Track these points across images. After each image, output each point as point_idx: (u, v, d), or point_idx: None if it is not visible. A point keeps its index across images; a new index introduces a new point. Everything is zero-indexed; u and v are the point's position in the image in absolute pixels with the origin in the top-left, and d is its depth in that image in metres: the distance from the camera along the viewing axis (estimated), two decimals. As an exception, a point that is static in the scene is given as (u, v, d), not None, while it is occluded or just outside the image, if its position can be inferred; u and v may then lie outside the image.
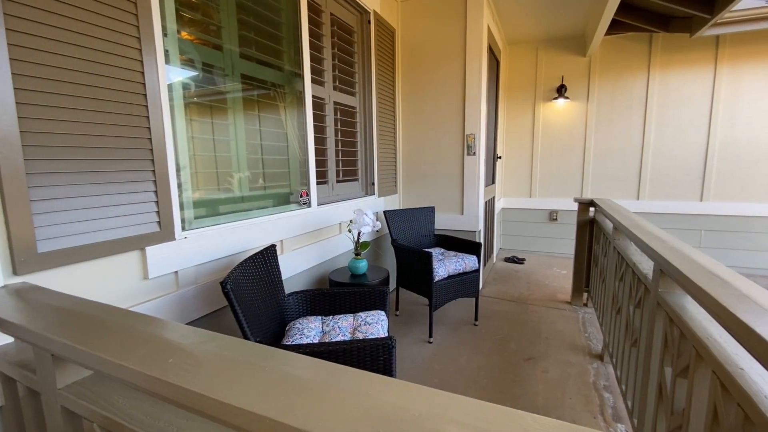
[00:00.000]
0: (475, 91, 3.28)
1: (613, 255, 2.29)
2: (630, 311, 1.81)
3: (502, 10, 3.75)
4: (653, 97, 4.37)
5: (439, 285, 2.65)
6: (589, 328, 2.92)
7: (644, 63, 4.35)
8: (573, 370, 2.36)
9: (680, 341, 1.17)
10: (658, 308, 1.39)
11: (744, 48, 3.96)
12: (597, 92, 4.60)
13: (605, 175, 4.71)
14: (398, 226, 3.11)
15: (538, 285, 3.94)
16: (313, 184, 2.39)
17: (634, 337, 1.71)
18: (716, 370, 0.92)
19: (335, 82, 2.71)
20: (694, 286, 1.03)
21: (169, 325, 0.83)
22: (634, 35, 4.26)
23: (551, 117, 4.86)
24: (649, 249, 1.46)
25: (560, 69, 4.70)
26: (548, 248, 5.09)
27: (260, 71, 2.06)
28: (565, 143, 4.84)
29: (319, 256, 2.46)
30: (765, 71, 3.94)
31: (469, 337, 2.79)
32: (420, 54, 3.48)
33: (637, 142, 4.52)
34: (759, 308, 0.82)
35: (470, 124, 3.33)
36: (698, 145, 4.28)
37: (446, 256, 2.89)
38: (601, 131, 4.65)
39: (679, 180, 4.41)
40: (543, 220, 5.09)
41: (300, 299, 1.81)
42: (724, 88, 4.10)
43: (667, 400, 1.24)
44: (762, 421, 0.73)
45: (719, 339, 1.00)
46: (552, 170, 4.95)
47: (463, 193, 3.47)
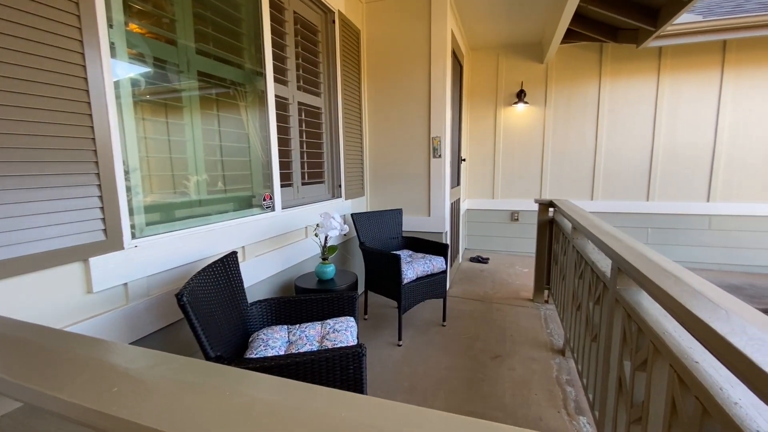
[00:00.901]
0: (440, 95, 3.32)
1: (572, 253, 2.38)
2: (590, 307, 1.89)
3: (465, 16, 3.83)
4: (604, 103, 4.64)
5: (408, 287, 2.64)
6: (551, 324, 3.03)
7: (596, 71, 4.61)
8: (537, 366, 2.44)
9: (638, 336, 1.22)
10: (616, 305, 1.45)
11: (683, 59, 4.30)
12: (554, 98, 4.81)
13: (562, 176, 4.94)
14: (366, 229, 3.07)
15: (502, 284, 4.05)
16: (277, 187, 2.30)
17: (594, 333, 1.78)
18: (673, 364, 0.96)
19: (299, 81, 2.64)
20: (651, 284, 1.08)
21: (114, 347, 0.74)
22: (587, 44, 4.51)
23: (512, 121, 5.03)
24: (607, 248, 1.53)
25: (520, 75, 4.88)
26: (511, 247, 5.26)
27: (219, 68, 1.96)
28: (525, 146, 5.02)
29: (283, 261, 2.37)
30: (701, 81, 4.31)
31: (438, 338, 2.80)
32: (385, 56, 3.47)
33: (590, 145, 4.78)
34: (712, 304, 0.86)
35: (436, 127, 3.37)
36: (644, 148, 4.60)
37: (414, 258, 2.90)
38: (558, 135, 4.88)
39: (628, 181, 4.71)
40: (505, 220, 5.25)
41: (264, 308, 1.73)
42: (666, 96, 4.43)
43: (626, 393, 1.30)
44: (718, 413, 0.76)
45: (674, 333, 1.05)
46: (513, 172, 5.12)
47: (429, 195, 3.49)
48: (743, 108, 4.23)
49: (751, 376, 0.63)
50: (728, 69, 4.19)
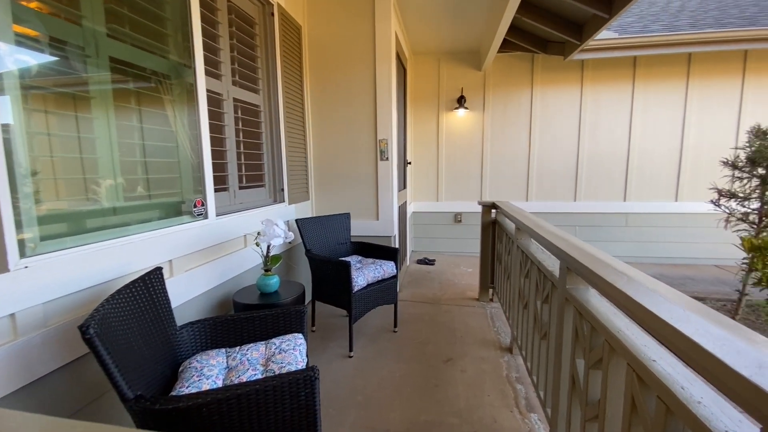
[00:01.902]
0: (386, 97, 3.27)
1: (517, 253, 2.45)
2: (537, 306, 1.94)
3: (407, 19, 3.84)
4: (536, 110, 4.95)
5: (359, 295, 2.53)
6: (497, 323, 3.11)
7: (528, 80, 4.91)
8: (487, 366, 2.46)
9: (591, 335, 1.24)
10: (566, 303, 1.48)
11: (602, 72, 4.74)
12: (491, 104, 5.03)
13: (500, 179, 5.18)
14: (312, 235, 2.91)
15: (449, 284, 4.10)
16: (210, 192, 2.06)
17: (544, 331, 1.82)
18: (631, 363, 0.97)
19: (235, 76, 2.41)
20: (605, 284, 1.09)
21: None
22: (520, 54, 4.79)
23: (453, 125, 5.16)
24: (555, 248, 1.56)
25: (460, 81, 5.03)
26: (455, 248, 5.39)
27: (136, 56, 1.69)
28: (466, 150, 5.19)
29: (219, 275, 2.13)
30: (616, 92, 4.78)
31: (390, 345, 2.73)
32: (329, 54, 3.34)
33: (524, 150, 5.07)
34: (667, 302, 0.88)
35: (382, 129, 3.31)
36: (571, 153, 4.99)
37: (364, 264, 2.80)
38: (495, 140, 5.10)
39: (558, 183, 5.07)
40: (449, 222, 5.37)
41: (197, 331, 1.51)
42: (588, 105, 4.85)
43: (580, 391, 1.32)
44: (682, 411, 0.76)
45: (627, 332, 1.08)
46: (456, 175, 5.26)
47: (377, 199, 3.42)
48: (650, 117, 4.77)
49: (723, 376, 0.62)
50: (638, 82, 4.70)
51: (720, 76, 4.55)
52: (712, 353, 0.64)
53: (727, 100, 4.59)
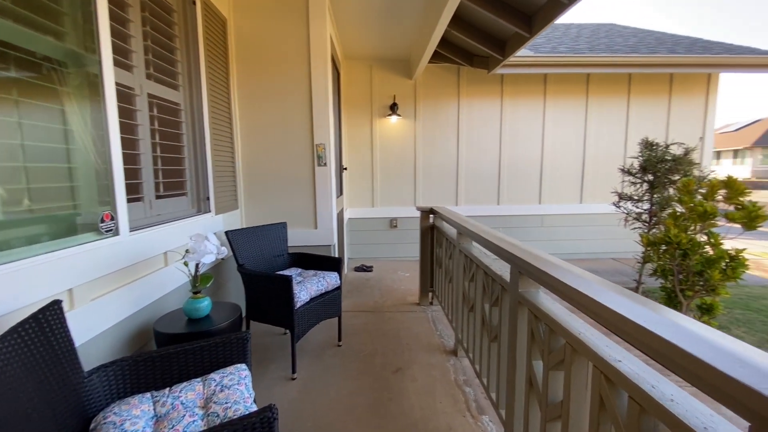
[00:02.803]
0: (323, 100, 3.14)
1: (460, 258, 2.51)
2: (486, 309, 1.98)
3: (340, 22, 3.76)
4: (463, 119, 5.22)
5: (302, 311, 2.35)
6: (439, 326, 3.16)
7: (455, 90, 5.16)
8: (436, 372, 2.46)
9: (550, 337, 1.28)
10: (520, 306, 1.52)
11: (518, 86, 5.18)
12: (422, 112, 5.18)
13: (432, 184, 5.35)
14: (245, 248, 2.65)
15: (389, 291, 4.08)
16: (122, 203, 1.73)
17: (494, 334, 1.86)
18: (597, 364, 1.01)
19: (150, 68, 2.08)
20: (565, 286, 1.13)
21: None
22: (448, 66, 5.01)
23: (387, 132, 5.20)
24: (507, 253, 1.60)
25: (392, 88, 5.09)
26: (391, 253, 5.41)
27: (19, 36, 1.34)
28: (399, 156, 5.26)
29: (135, 301, 1.80)
30: (531, 105, 5.26)
31: (336, 361, 2.58)
32: (259, 52, 3.11)
33: (453, 157, 5.31)
34: (628, 302, 0.93)
35: (320, 134, 3.17)
36: (494, 160, 5.35)
37: (306, 277, 2.62)
38: (427, 147, 5.26)
39: (483, 188, 5.40)
40: (385, 227, 5.38)
41: (112, 375, 1.22)
42: (507, 116, 5.26)
43: (539, 392, 1.35)
44: (657, 410, 0.79)
45: (588, 334, 1.12)
46: (390, 181, 5.30)
47: (316, 206, 3.26)
48: (559, 129, 5.34)
49: (711, 379, 0.65)
50: (548, 97, 5.24)
51: (611, 95, 5.29)
52: (702, 359, 0.66)
53: (618, 115, 5.35)
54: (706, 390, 0.67)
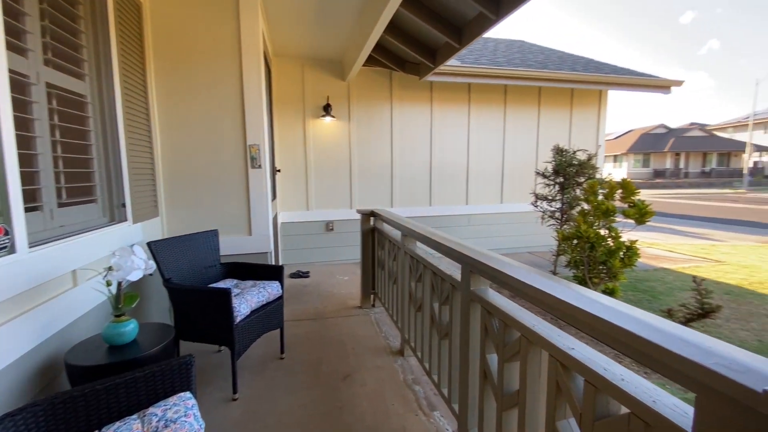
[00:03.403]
0: (256, 98, 2.96)
1: (405, 259, 2.56)
2: (435, 308, 2.05)
3: (270, 16, 3.58)
4: (396, 123, 5.35)
5: (243, 326, 2.18)
6: (384, 327, 3.18)
7: (388, 94, 5.26)
8: (384, 374, 2.48)
9: (505, 331, 1.36)
10: (472, 304, 1.59)
11: (446, 94, 5.47)
12: (356, 114, 5.18)
13: (368, 186, 5.38)
14: (171, 260, 2.37)
15: (328, 296, 4.00)
16: (19, 214, 1.42)
17: (445, 331, 1.93)
18: (553, 353, 1.10)
19: (48, 53, 1.75)
20: (520, 283, 1.22)
21: None
22: (381, 70, 5.08)
23: (321, 133, 5.10)
24: (458, 254, 1.67)
25: (325, 89, 5.00)
26: (328, 257, 5.31)
27: None
28: (334, 158, 5.19)
29: (39, 331, 1.49)
30: (457, 112, 5.59)
31: (280, 375, 2.45)
32: (182, 42, 2.81)
33: (387, 159, 5.40)
34: (578, 294, 1.03)
35: (253, 134, 2.98)
36: (425, 163, 5.58)
37: (244, 289, 2.44)
38: (362, 149, 5.28)
39: (416, 190, 5.59)
40: (321, 231, 5.27)
41: (21, 426, 0.99)
42: (436, 122, 5.52)
43: (494, 384, 1.43)
44: (610, 389, 0.89)
45: (539, 325, 1.22)
46: (325, 183, 5.20)
47: (250, 211, 3.06)
48: (482, 135, 5.76)
49: (661, 357, 0.74)
50: (472, 105, 5.62)
51: (525, 105, 5.86)
52: (653, 341, 0.76)
53: (530, 124, 5.95)
54: (657, 368, 0.77)
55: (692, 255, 6.58)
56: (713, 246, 7.48)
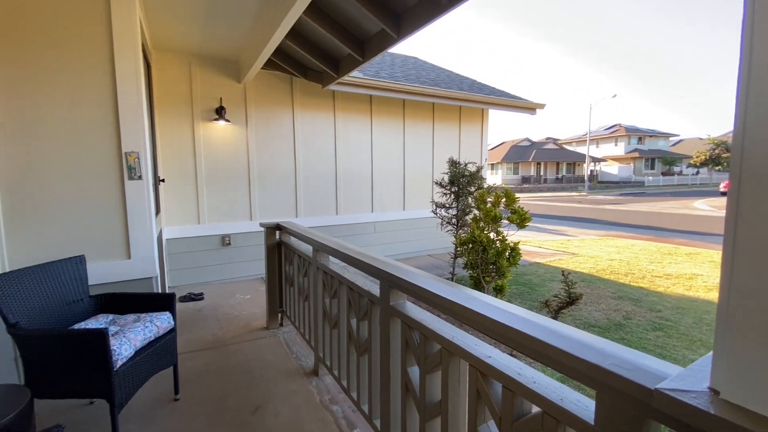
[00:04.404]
0: (134, 98, 2.53)
1: (318, 274, 2.47)
2: (353, 324, 2.02)
3: (149, 4, 3.12)
4: (298, 130, 5.18)
5: (125, 371, 1.82)
6: (295, 348, 3.02)
7: (289, 100, 5.07)
8: (299, 399, 2.35)
9: (425, 344, 1.41)
10: (392, 318, 1.61)
11: (349, 104, 5.52)
12: (254, 119, 4.86)
13: (270, 196, 5.08)
14: (17, 300, 1.86)
15: (229, 319, 3.64)
16: None
17: (364, 347, 1.92)
18: (473, 363, 1.17)
19: None
20: (439, 298, 1.27)
21: None
22: (281, 75, 4.87)
23: (214, 138, 4.64)
24: (376, 269, 1.67)
25: (218, 90, 4.58)
26: (226, 275, 4.85)
27: None
28: (231, 166, 4.77)
29: None
30: (360, 122, 5.69)
31: (176, 419, 2.12)
32: (24, 23, 2.25)
33: (291, 167, 5.19)
34: (485, 303, 1.12)
35: (131, 139, 2.54)
36: (331, 172, 5.53)
37: (124, 325, 2.05)
38: (262, 156, 4.97)
39: (322, 199, 5.50)
40: (216, 246, 4.78)
41: None
42: (340, 131, 5.52)
43: (416, 396, 1.47)
44: (525, 392, 0.98)
45: (458, 336, 1.29)
46: (221, 193, 4.74)
47: (128, 230, 2.60)
48: (384, 146, 5.97)
49: (567, 361, 0.85)
50: (374, 116, 5.78)
51: (421, 120, 6.28)
52: (560, 347, 0.86)
53: (426, 137, 6.38)
54: (563, 370, 0.87)
55: (555, 249, 7.88)
56: (569, 240, 9.09)
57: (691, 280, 5.40)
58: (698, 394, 0.60)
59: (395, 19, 3.07)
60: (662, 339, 3.36)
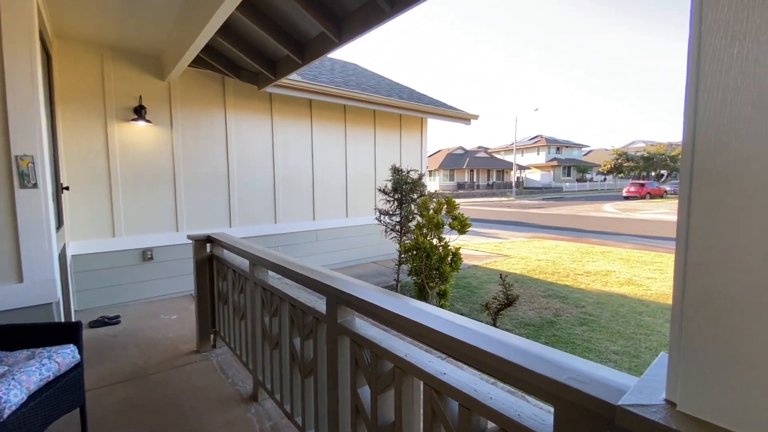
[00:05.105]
0: (27, 93, 2.14)
1: (255, 291, 2.29)
2: (296, 344, 1.88)
3: (50, -14, 2.70)
4: (232, 134, 4.84)
5: (14, 423, 1.49)
6: (230, 372, 2.77)
7: (221, 101, 4.72)
8: (237, 428, 2.14)
9: (377, 363, 1.33)
10: (340, 336, 1.52)
11: (287, 107, 5.30)
12: (181, 120, 4.44)
13: (199, 204, 4.67)
14: None
15: (151, 344, 3.24)
16: None
17: (309, 369, 1.79)
18: (427, 381, 1.12)
19: None
20: (389, 314, 1.21)
21: None
22: (211, 74, 4.52)
23: (133, 140, 4.14)
24: (322, 285, 1.57)
25: (137, 87, 4.11)
26: (147, 293, 4.34)
27: None
28: (153, 172, 4.30)
29: None
30: (300, 127, 5.49)
31: (83, 472, 1.80)
32: None
33: (223, 173, 4.83)
34: (441, 319, 1.09)
35: (23, 141, 2.14)
36: (269, 178, 5.25)
37: (13, 364, 1.69)
38: (190, 161, 4.55)
39: (260, 207, 5.20)
40: (135, 261, 4.26)
41: None
42: (279, 136, 5.28)
43: (368, 418, 1.39)
44: (481, 408, 0.96)
45: (412, 353, 1.24)
46: (141, 203, 4.25)
47: (19, 248, 2.18)
48: (326, 152, 5.83)
49: (526, 377, 0.83)
50: (314, 121, 5.63)
51: (363, 126, 6.25)
52: (518, 364, 0.84)
53: (368, 144, 6.37)
54: (518, 385, 0.86)
55: (490, 252, 8.33)
56: (501, 243, 9.67)
57: (606, 276, 6.02)
58: (657, 408, 0.61)
59: (336, 23, 3.00)
60: (587, 333, 3.67)
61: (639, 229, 12.47)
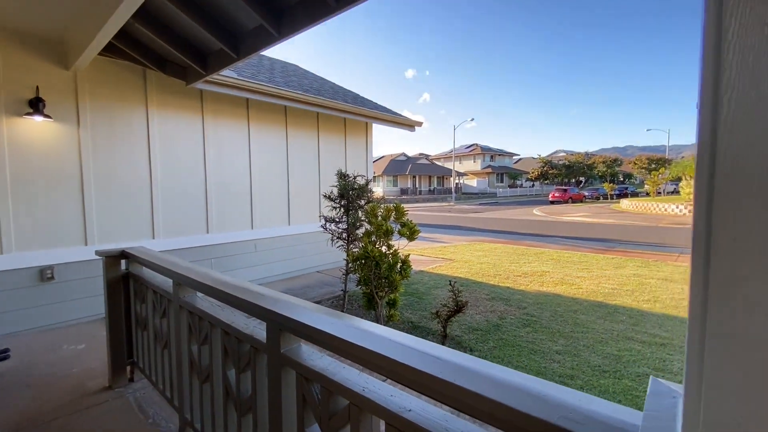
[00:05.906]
0: None
1: (181, 315, 1.97)
2: (231, 377, 1.62)
3: None
4: (155, 134, 4.31)
5: None
6: (151, 410, 2.37)
7: (141, 97, 4.18)
8: (158, 481, 1.79)
9: (329, 399, 1.15)
10: (284, 369, 1.31)
11: (221, 106, 4.86)
12: (90, 117, 3.84)
13: (114, 213, 4.07)
14: None
15: (50, 382, 2.69)
16: None
17: (247, 406, 1.54)
18: (388, 419, 0.97)
19: None
20: (343, 343, 1.04)
21: None
22: (130, 66, 3.98)
23: (27, 138, 3.48)
24: (260, 309, 1.35)
25: (32, 77, 3.46)
26: (46, 320, 3.65)
27: None
28: (55, 175, 3.65)
29: None
30: (235, 128, 5.07)
31: None
32: None
33: (145, 178, 4.27)
34: (390, 341, 0.95)
35: None
36: (199, 184, 4.76)
37: None
38: (102, 163, 3.95)
39: (188, 216, 4.68)
40: (29, 282, 3.57)
41: None
42: (210, 137, 4.82)
43: (319, 463, 1.19)
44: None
45: (371, 387, 1.07)
46: (38, 212, 3.57)
47: None
48: (265, 156, 5.45)
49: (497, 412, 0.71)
50: (252, 122, 5.24)
51: (306, 129, 5.97)
52: (498, 400, 0.71)
53: (311, 147, 6.10)
54: (498, 425, 0.74)
55: (435, 256, 8.44)
56: (445, 247, 9.88)
57: (542, 277, 6.36)
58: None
59: (276, 16, 2.76)
60: (531, 334, 3.78)
61: (565, 230, 13.57)
